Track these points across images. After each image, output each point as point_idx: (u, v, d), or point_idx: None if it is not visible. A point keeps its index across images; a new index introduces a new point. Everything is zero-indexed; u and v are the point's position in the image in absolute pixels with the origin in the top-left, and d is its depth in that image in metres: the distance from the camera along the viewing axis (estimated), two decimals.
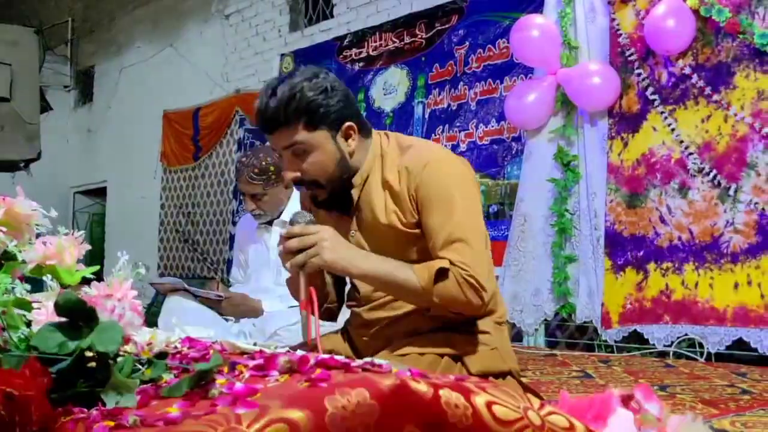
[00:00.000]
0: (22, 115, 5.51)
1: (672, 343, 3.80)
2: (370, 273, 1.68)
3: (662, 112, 3.94)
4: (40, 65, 6.08)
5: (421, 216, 1.71)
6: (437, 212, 1.68)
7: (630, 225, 4.03)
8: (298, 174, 1.72)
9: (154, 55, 9.13)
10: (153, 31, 9.23)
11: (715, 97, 3.75)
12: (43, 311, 0.98)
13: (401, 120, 6.02)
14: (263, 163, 2.93)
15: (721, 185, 3.69)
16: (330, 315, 1.97)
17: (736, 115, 3.66)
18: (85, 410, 0.80)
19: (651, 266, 3.93)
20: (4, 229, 1.11)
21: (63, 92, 10.70)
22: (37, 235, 1.13)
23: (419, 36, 5.98)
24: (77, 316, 0.85)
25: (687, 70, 3.85)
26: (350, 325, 1.96)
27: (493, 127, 5.17)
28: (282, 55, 7.19)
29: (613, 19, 4.16)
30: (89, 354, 0.84)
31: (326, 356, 0.94)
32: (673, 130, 3.89)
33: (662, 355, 3.82)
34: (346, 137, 1.74)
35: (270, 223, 3.04)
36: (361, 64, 6.44)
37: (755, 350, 3.50)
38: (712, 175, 3.72)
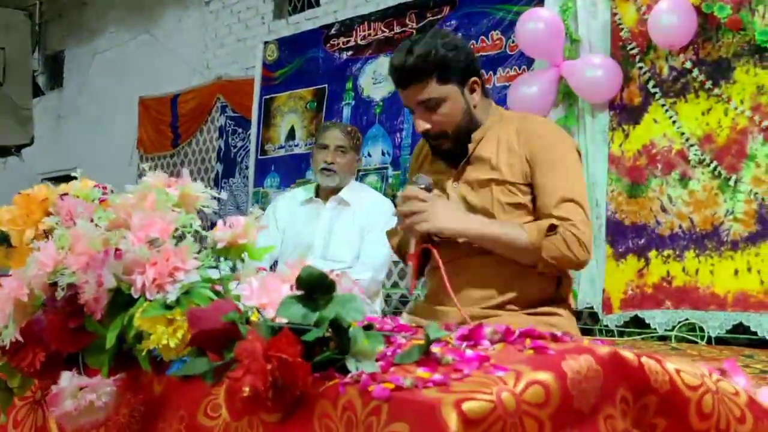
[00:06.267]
0: (14, 99, 5.43)
1: (673, 327, 3.95)
2: (480, 233, 1.79)
3: (663, 105, 4.07)
4: (33, 48, 5.98)
5: (534, 175, 1.83)
6: (554, 173, 1.81)
7: (631, 214, 4.17)
8: (429, 125, 1.85)
9: (130, 40, 9.02)
10: (128, 16, 9.11)
11: (716, 90, 3.89)
12: (247, 287, 1.03)
13: (391, 110, 6.07)
14: (353, 127, 3.22)
15: (721, 176, 3.84)
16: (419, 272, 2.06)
17: (736, 108, 3.81)
18: (344, 376, 0.86)
19: (652, 254, 4.07)
20: (179, 210, 1.15)
21: None
22: None
23: (409, 26, 6.03)
24: (316, 289, 0.91)
25: (688, 65, 3.99)
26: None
27: None
28: (266, 42, 7.17)
29: (614, 14, 4.28)
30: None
31: (524, 328, 1.01)
32: (674, 122, 4.02)
33: (663, 339, 3.97)
34: (471, 91, 1.87)
35: (335, 192, 3.09)
36: (349, 53, 6.47)
37: (754, 334, 3.66)
38: (712, 166, 3.87)
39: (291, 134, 6.91)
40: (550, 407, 0.83)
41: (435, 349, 0.95)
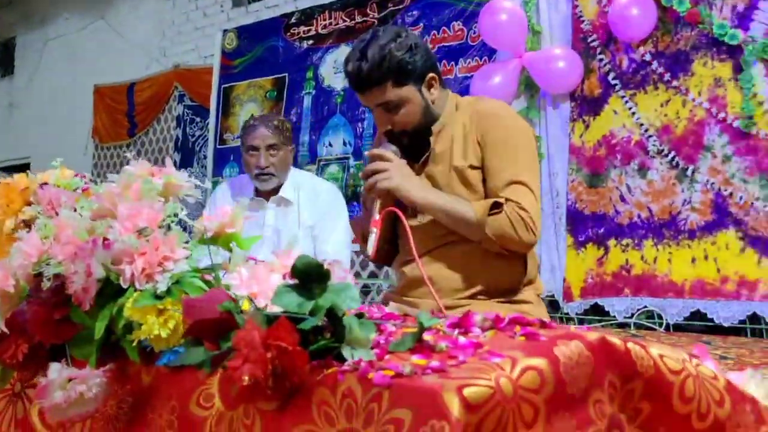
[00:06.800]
0: None
1: (632, 314, 4.03)
2: (432, 202, 1.82)
3: (623, 96, 4.14)
4: None
5: (485, 157, 1.85)
6: (503, 155, 1.83)
7: (591, 203, 4.23)
8: (389, 126, 1.88)
9: (84, 27, 8.84)
10: (81, 2, 8.93)
11: (674, 83, 3.97)
12: (237, 276, 1.03)
13: (353, 99, 6.06)
14: (280, 119, 3.01)
15: (679, 166, 3.92)
16: (386, 259, 2.06)
17: (694, 100, 3.90)
18: (341, 364, 0.86)
19: (611, 242, 4.14)
20: (162, 200, 1.14)
21: None
22: None
23: (371, 16, 6.03)
24: (311, 278, 0.91)
25: (647, 57, 4.06)
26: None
27: None
28: (224, 30, 7.09)
29: (575, 6, 4.34)
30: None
31: (514, 314, 1.03)
32: (633, 113, 4.10)
33: (622, 326, 4.05)
34: (429, 87, 1.89)
35: (275, 191, 3.00)
36: (309, 42, 6.44)
37: (711, 320, 3.76)
38: (670, 156, 3.95)
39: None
40: (545, 392, 0.85)
41: (427, 336, 0.96)
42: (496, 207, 1.78)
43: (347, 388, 0.83)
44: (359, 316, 0.98)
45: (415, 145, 1.91)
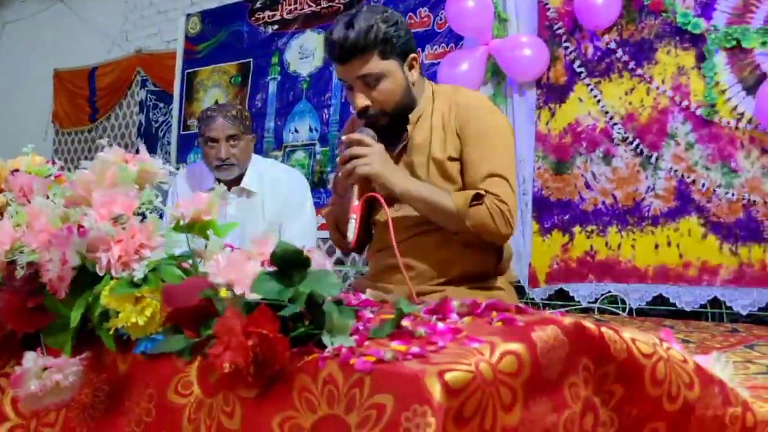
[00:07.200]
0: None
1: (596, 299, 4.09)
2: (411, 191, 1.82)
3: (588, 84, 4.17)
4: None
5: (464, 149, 1.86)
6: (482, 148, 1.84)
7: (557, 191, 4.27)
8: (369, 102, 1.84)
9: (43, 10, 8.67)
10: None
11: (639, 71, 4.01)
12: (214, 264, 1.03)
13: (318, 85, 6.03)
14: (238, 107, 2.94)
15: (643, 153, 3.97)
16: (361, 246, 2.06)
17: (657, 88, 3.94)
18: (321, 351, 0.87)
19: (576, 229, 4.19)
20: (137, 187, 1.13)
21: None
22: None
23: (337, 1, 5.99)
24: (291, 266, 0.91)
25: (612, 45, 4.10)
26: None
27: None
28: (188, 15, 6.99)
29: None
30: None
31: (490, 300, 1.04)
32: (598, 101, 4.13)
33: (586, 311, 4.11)
34: (410, 68, 1.89)
35: (236, 182, 2.96)
36: (275, 27, 6.39)
37: (673, 305, 3.83)
38: (634, 144, 4.00)
39: None
40: (523, 376, 0.87)
41: (405, 322, 0.97)
42: (476, 199, 1.79)
43: (328, 374, 0.84)
44: (338, 302, 0.99)
45: (392, 131, 1.89)
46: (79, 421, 1.04)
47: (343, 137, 1.84)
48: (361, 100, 1.84)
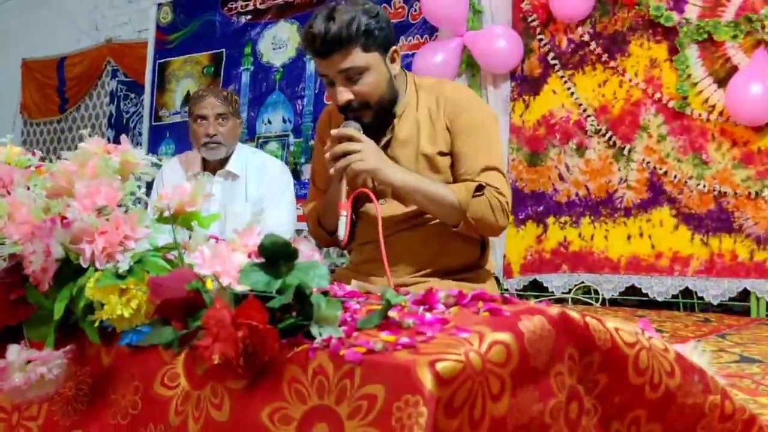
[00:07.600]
0: None
1: (570, 290, 4.13)
2: (410, 184, 1.79)
3: (562, 77, 4.20)
4: None
5: (456, 142, 1.84)
6: (476, 141, 1.83)
7: (530, 182, 4.30)
8: (351, 96, 1.79)
9: None
10: None
11: (612, 63, 4.05)
12: (199, 255, 1.02)
13: (292, 76, 6.00)
14: (228, 90, 3.06)
15: (616, 145, 4.01)
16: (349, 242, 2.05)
17: (630, 80, 3.98)
18: (310, 342, 0.87)
19: (550, 220, 4.22)
20: (120, 178, 1.12)
21: None
22: None
23: None
24: (279, 257, 0.91)
25: (586, 38, 4.13)
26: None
27: None
28: (159, 4, 6.92)
29: None
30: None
31: (476, 291, 1.05)
32: (572, 93, 4.16)
33: (560, 301, 4.15)
34: (392, 61, 1.85)
35: (221, 165, 3.01)
36: (247, 17, 6.34)
37: (645, 295, 3.88)
38: (607, 136, 4.03)
39: (187, 100, 6.72)
40: (511, 365, 0.87)
41: (392, 313, 0.97)
42: (477, 191, 1.78)
43: (318, 365, 0.84)
44: (324, 294, 0.99)
45: (374, 125, 1.86)
46: (62, 414, 1.03)
47: (333, 132, 1.78)
48: (344, 95, 1.79)
